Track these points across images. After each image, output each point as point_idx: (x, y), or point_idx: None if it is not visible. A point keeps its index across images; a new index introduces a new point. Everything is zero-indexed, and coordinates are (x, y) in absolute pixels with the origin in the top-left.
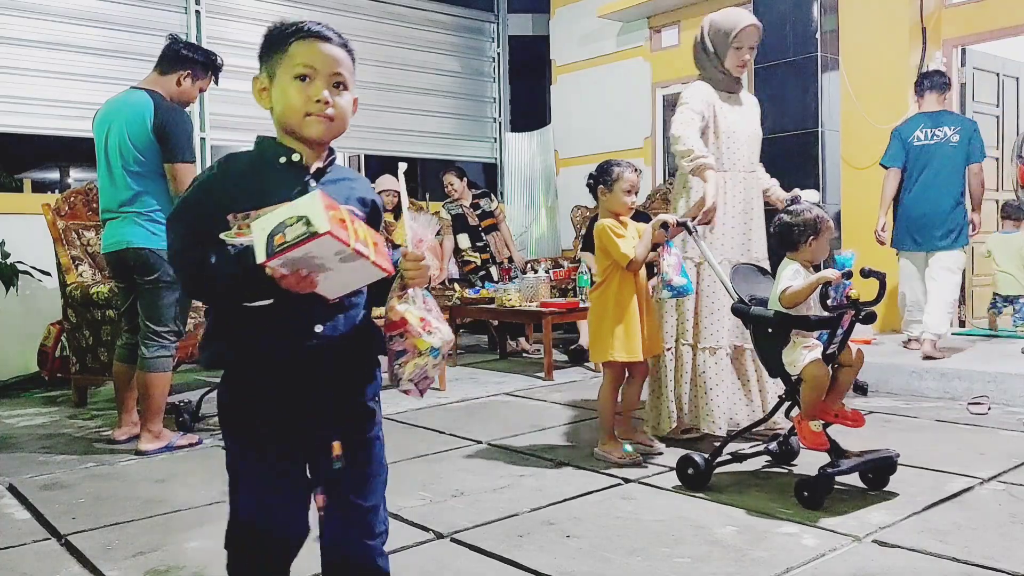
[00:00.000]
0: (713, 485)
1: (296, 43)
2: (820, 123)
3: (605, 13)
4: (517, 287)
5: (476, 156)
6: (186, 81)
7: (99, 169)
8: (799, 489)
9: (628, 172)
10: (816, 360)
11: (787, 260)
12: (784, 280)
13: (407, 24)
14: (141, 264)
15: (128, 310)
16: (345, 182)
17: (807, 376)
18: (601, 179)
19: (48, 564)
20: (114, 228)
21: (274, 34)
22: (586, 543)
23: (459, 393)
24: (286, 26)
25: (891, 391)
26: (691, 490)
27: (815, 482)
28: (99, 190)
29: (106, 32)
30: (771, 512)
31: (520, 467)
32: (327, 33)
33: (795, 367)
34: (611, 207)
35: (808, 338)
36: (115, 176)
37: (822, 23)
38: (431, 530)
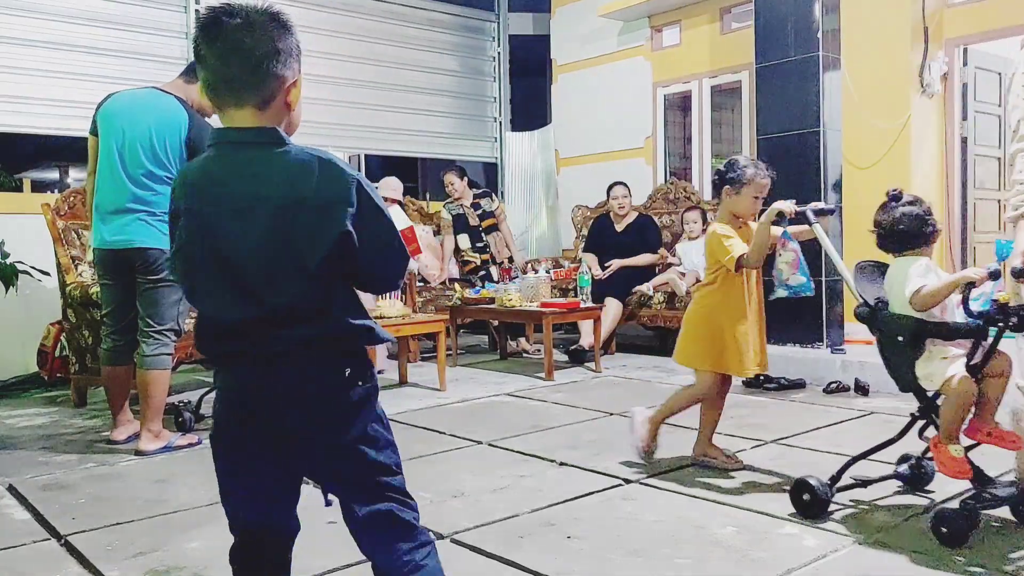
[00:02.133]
0: (714, 486)
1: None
2: (822, 122)
3: (606, 12)
4: (517, 287)
5: (477, 155)
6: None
7: (106, 162)
8: (937, 525)
9: (761, 176)
10: (963, 376)
11: (910, 257)
12: (914, 279)
13: (408, 23)
14: (148, 264)
15: (115, 311)
16: None
17: (952, 393)
18: (729, 178)
19: (48, 564)
20: (119, 225)
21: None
22: (587, 544)
23: (459, 393)
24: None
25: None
26: (806, 518)
27: (957, 517)
28: (100, 184)
29: (106, 32)
30: (772, 512)
31: (520, 467)
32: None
33: (932, 382)
34: (734, 209)
35: (947, 347)
36: (130, 173)
37: (823, 22)
38: (431, 530)
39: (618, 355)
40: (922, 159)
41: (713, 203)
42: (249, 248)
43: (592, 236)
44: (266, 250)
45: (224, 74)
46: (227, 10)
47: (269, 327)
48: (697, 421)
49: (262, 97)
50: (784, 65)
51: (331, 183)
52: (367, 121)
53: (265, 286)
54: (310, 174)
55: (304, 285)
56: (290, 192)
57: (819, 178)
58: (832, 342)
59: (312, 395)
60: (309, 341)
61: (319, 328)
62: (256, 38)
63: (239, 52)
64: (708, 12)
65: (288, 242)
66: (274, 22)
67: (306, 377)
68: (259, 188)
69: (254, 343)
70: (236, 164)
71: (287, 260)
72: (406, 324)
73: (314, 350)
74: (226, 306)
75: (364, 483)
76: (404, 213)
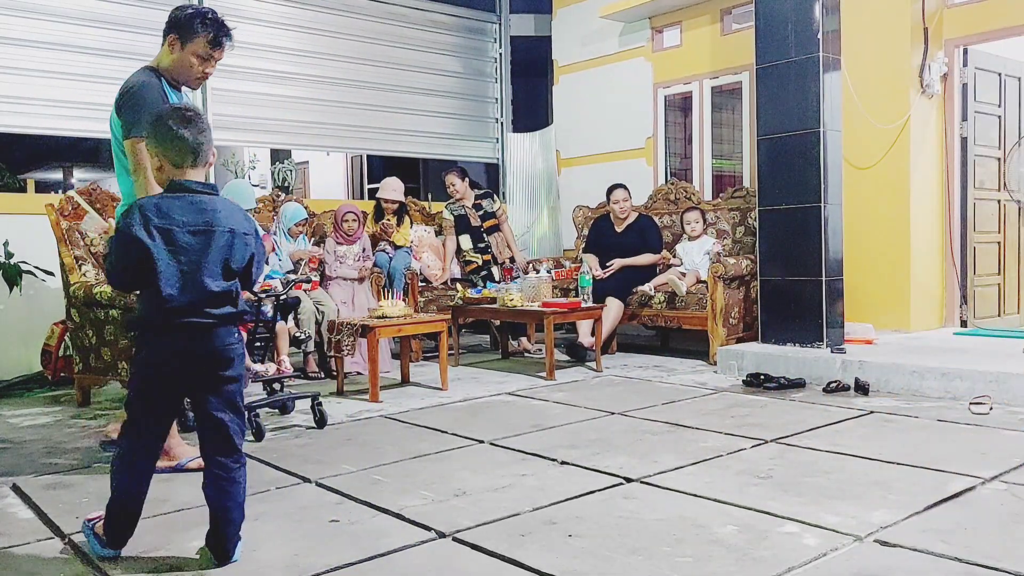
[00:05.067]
0: (714, 485)
1: None
2: (822, 123)
3: (607, 13)
4: (519, 287)
5: (478, 156)
6: (175, 46)
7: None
8: None
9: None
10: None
11: None
12: None
13: (409, 25)
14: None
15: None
16: None
17: None
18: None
19: (51, 563)
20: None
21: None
22: (588, 542)
23: (461, 393)
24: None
25: (892, 391)
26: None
27: None
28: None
29: (107, 33)
30: (772, 511)
31: (522, 466)
32: None
33: None
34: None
35: None
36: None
37: (824, 23)
38: (433, 529)
39: (619, 354)
40: (922, 159)
41: (713, 203)
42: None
43: (593, 236)
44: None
45: (197, 149)
46: (190, 109)
47: (208, 307)
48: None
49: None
50: (784, 66)
51: (248, 221)
52: (369, 122)
53: (212, 279)
54: (239, 213)
55: (228, 282)
56: (229, 224)
57: (819, 178)
58: (832, 342)
59: (222, 348)
60: (229, 317)
61: (236, 307)
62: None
63: (206, 134)
64: (709, 13)
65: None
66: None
67: (223, 336)
68: (212, 219)
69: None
70: (195, 203)
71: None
72: (408, 324)
73: (230, 321)
74: (181, 293)
75: (230, 400)
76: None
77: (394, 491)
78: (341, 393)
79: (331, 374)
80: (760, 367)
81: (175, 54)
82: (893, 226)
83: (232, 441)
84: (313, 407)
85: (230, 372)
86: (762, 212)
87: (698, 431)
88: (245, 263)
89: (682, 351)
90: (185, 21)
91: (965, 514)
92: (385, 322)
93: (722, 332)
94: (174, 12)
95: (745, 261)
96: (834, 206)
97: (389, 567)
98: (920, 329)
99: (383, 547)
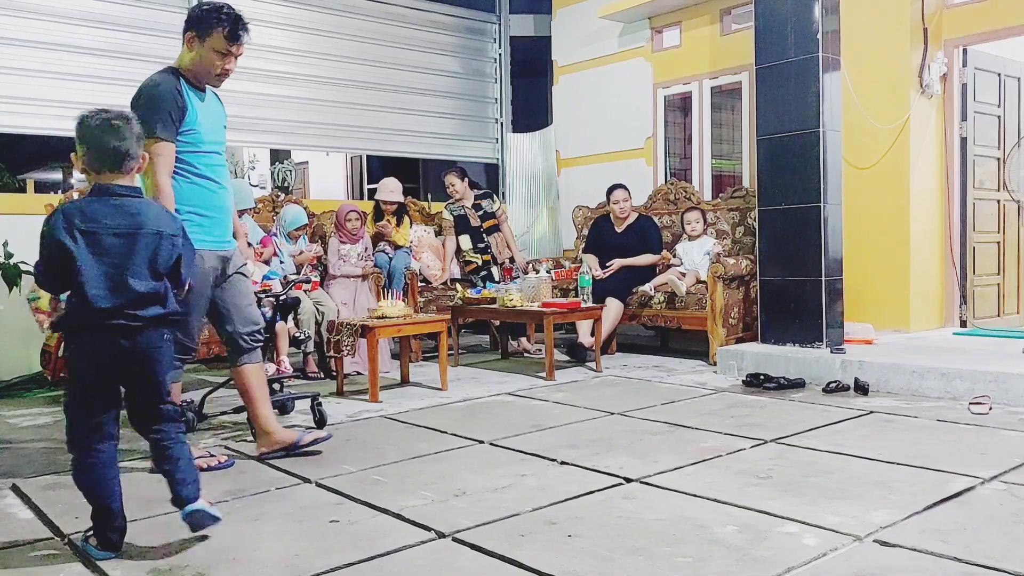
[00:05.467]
0: (714, 485)
1: None
2: (821, 123)
3: (606, 14)
4: (519, 287)
5: (478, 156)
6: (194, 43)
7: None
8: None
9: None
10: None
11: None
12: None
13: (409, 25)
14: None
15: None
16: None
17: None
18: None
19: (51, 564)
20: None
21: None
22: (588, 542)
23: (461, 393)
24: None
25: (892, 391)
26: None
27: None
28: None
29: (106, 32)
30: (772, 511)
31: (522, 466)
32: None
33: None
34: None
35: None
36: None
37: (823, 23)
38: (433, 529)
39: (619, 355)
40: (921, 159)
41: (713, 203)
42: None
43: (593, 237)
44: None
45: (118, 155)
46: (119, 116)
47: (135, 308)
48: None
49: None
50: (784, 66)
51: (175, 223)
52: (369, 122)
53: (138, 280)
54: (165, 216)
55: (156, 283)
56: (156, 226)
57: (819, 178)
58: (832, 342)
59: (150, 349)
60: (158, 318)
61: (163, 309)
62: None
63: (129, 141)
64: (708, 13)
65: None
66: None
67: (151, 338)
68: (137, 221)
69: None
70: (120, 206)
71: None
72: (408, 324)
73: (160, 321)
74: (107, 295)
75: (159, 393)
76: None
77: (394, 491)
78: (341, 393)
79: (331, 374)
80: (760, 367)
81: (193, 51)
82: (893, 226)
83: (161, 412)
84: (313, 407)
85: (157, 367)
86: (762, 212)
87: (698, 431)
88: (171, 264)
89: (682, 351)
90: (202, 17)
91: (965, 514)
92: (385, 322)
93: (722, 332)
94: (191, 9)
95: (745, 261)
96: (834, 206)
97: (389, 567)
98: (920, 329)
99: (383, 547)
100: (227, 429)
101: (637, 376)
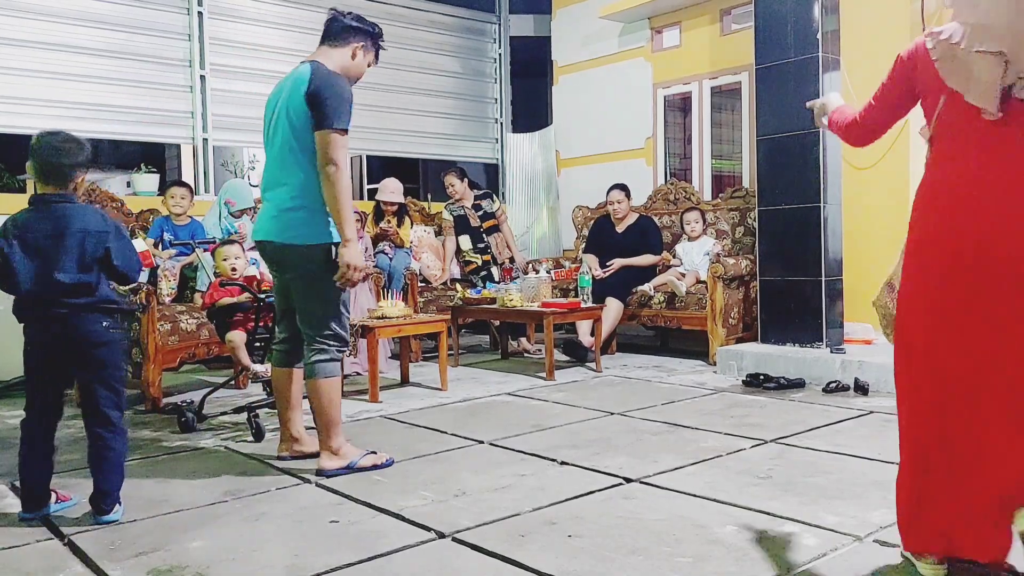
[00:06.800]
0: (714, 485)
1: None
2: None
3: (606, 14)
4: (518, 287)
5: (478, 156)
6: (359, 53)
7: (265, 148)
8: None
9: None
10: None
11: None
12: None
13: (409, 25)
14: (284, 260)
15: (279, 307)
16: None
17: None
18: None
19: (51, 564)
20: (260, 214)
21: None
22: (588, 542)
23: (461, 393)
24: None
25: (892, 391)
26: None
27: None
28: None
29: (106, 32)
30: (772, 511)
31: (522, 467)
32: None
33: None
34: None
35: None
36: (271, 157)
37: (823, 23)
38: (433, 530)
39: (618, 355)
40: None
41: (713, 203)
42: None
43: (592, 237)
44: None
45: (50, 172)
46: (65, 140)
47: (64, 298)
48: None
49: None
50: (784, 66)
51: (104, 222)
52: (368, 122)
53: (64, 273)
54: (93, 216)
55: (86, 275)
56: (82, 226)
57: (819, 178)
58: (831, 342)
59: (87, 334)
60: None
61: (94, 297)
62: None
63: (65, 159)
64: (708, 13)
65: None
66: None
67: (87, 325)
68: (63, 223)
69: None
70: (51, 211)
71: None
72: (408, 324)
73: (93, 309)
74: (37, 288)
75: (103, 378)
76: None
77: (394, 491)
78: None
79: None
80: (760, 367)
81: (357, 59)
82: (893, 226)
83: (105, 414)
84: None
85: (99, 353)
86: (762, 212)
87: (698, 431)
88: (100, 257)
89: (682, 351)
90: (374, 34)
91: None
92: (385, 322)
93: (721, 332)
94: (356, 21)
95: (744, 261)
96: (834, 206)
97: (389, 568)
98: None
99: (383, 547)
100: (227, 429)
101: (637, 376)
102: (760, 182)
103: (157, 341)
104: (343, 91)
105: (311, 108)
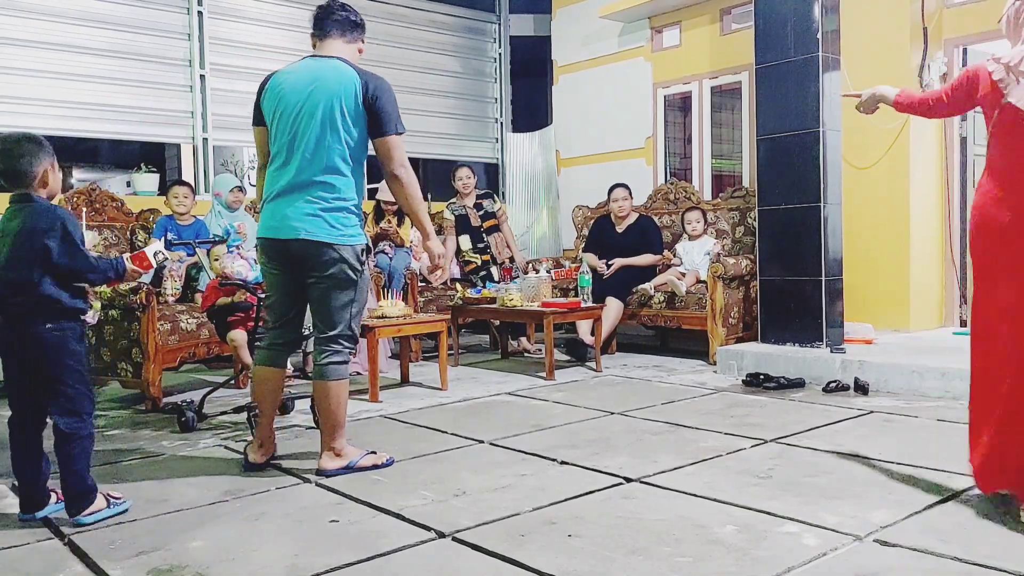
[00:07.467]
0: (714, 485)
1: None
2: (821, 123)
3: (606, 14)
4: (518, 287)
5: (478, 156)
6: (362, 48)
7: (278, 143)
8: None
9: None
10: None
11: None
12: None
13: (409, 25)
14: (314, 259)
15: (275, 304)
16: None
17: None
18: None
19: (51, 563)
20: (282, 211)
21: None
22: (588, 542)
23: (461, 393)
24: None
25: (892, 391)
26: None
27: None
28: (272, 166)
29: (106, 32)
30: (772, 511)
31: (522, 466)
32: None
33: None
34: None
35: None
36: (304, 154)
37: (823, 23)
38: (433, 529)
39: (618, 354)
40: (922, 159)
41: (713, 203)
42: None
43: (592, 236)
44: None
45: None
46: (16, 143)
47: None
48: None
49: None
50: (784, 66)
51: (49, 220)
52: None
53: (11, 272)
54: (39, 216)
55: (28, 273)
56: (31, 224)
57: (819, 178)
58: (831, 341)
59: (36, 335)
60: (31, 304)
61: (35, 297)
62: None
63: (19, 163)
64: (708, 13)
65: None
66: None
67: (33, 326)
68: (14, 224)
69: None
70: (8, 212)
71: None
72: (408, 324)
73: (34, 309)
74: None
75: (50, 386)
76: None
77: (394, 491)
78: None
79: None
80: (760, 367)
81: (362, 55)
82: (893, 226)
83: (56, 420)
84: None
85: (41, 356)
86: (762, 212)
87: (698, 431)
88: (43, 256)
89: (682, 351)
90: (364, 25)
91: (965, 514)
92: (385, 322)
93: (721, 332)
94: (352, 15)
95: (745, 261)
96: (834, 206)
97: (389, 567)
98: (920, 329)
99: (383, 547)
100: (227, 429)
101: (637, 376)
102: (760, 182)
103: (157, 341)
104: (393, 93)
105: (371, 114)
